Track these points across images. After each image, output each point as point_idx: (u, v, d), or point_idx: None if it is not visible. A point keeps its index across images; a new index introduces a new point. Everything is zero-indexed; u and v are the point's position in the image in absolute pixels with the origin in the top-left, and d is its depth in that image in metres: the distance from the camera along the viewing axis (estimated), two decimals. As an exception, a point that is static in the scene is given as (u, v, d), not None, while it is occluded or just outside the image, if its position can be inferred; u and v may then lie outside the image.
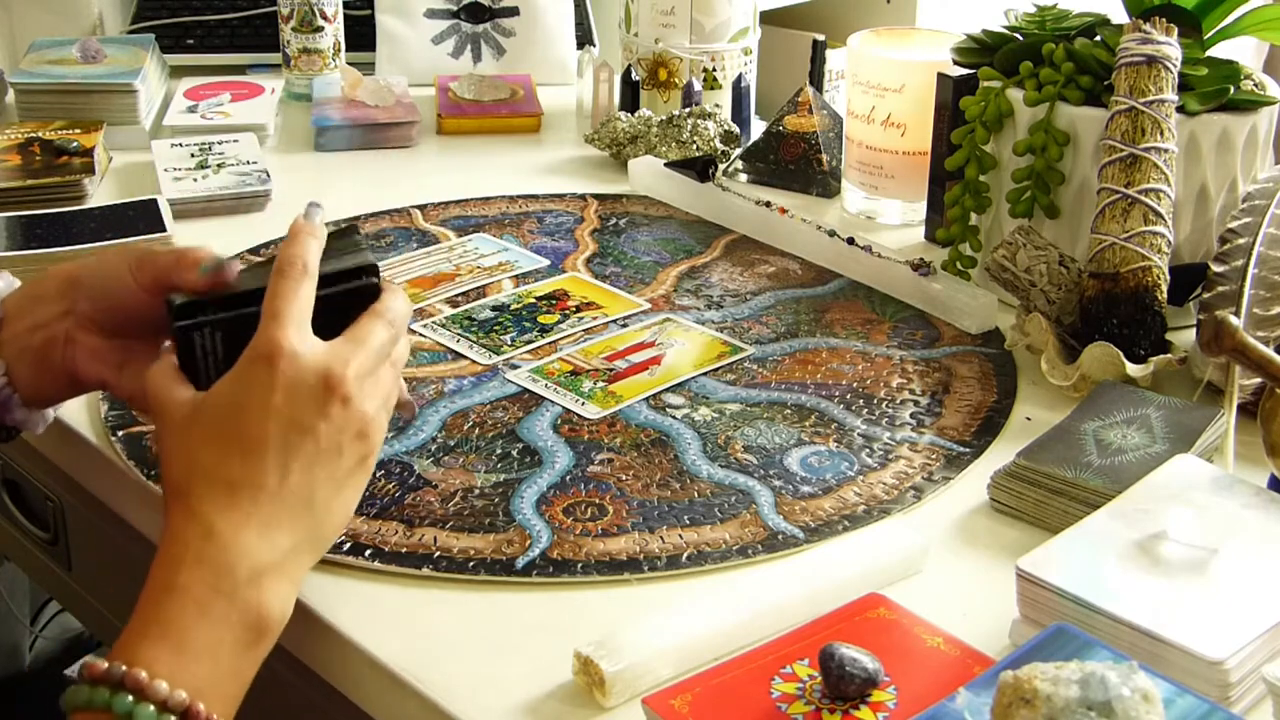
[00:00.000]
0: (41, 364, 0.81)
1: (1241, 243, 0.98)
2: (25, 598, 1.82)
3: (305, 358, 0.70)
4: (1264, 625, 0.69)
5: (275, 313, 0.71)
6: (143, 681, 0.63)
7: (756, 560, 0.82)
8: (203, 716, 0.64)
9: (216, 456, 0.69)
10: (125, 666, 0.64)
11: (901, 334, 1.08)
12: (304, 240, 0.74)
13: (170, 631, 0.66)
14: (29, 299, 0.83)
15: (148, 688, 0.63)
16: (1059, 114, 1.06)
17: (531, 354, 1.04)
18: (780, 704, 0.69)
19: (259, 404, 0.69)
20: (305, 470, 0.70)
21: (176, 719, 0.63)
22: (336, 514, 0.72)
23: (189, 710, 0.64)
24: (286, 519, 0.70)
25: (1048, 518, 0.85)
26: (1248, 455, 0.88)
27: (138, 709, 0.63)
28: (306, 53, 1.56)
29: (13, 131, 1.37)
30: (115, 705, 0.63)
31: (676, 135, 1.38)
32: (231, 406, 0.70)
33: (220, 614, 0.67)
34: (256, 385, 0.70)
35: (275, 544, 0.69)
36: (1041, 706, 0.58)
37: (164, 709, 0.63)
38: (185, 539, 0.68)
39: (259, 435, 0.69)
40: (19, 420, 0.84)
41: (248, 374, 0.70)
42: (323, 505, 0.71)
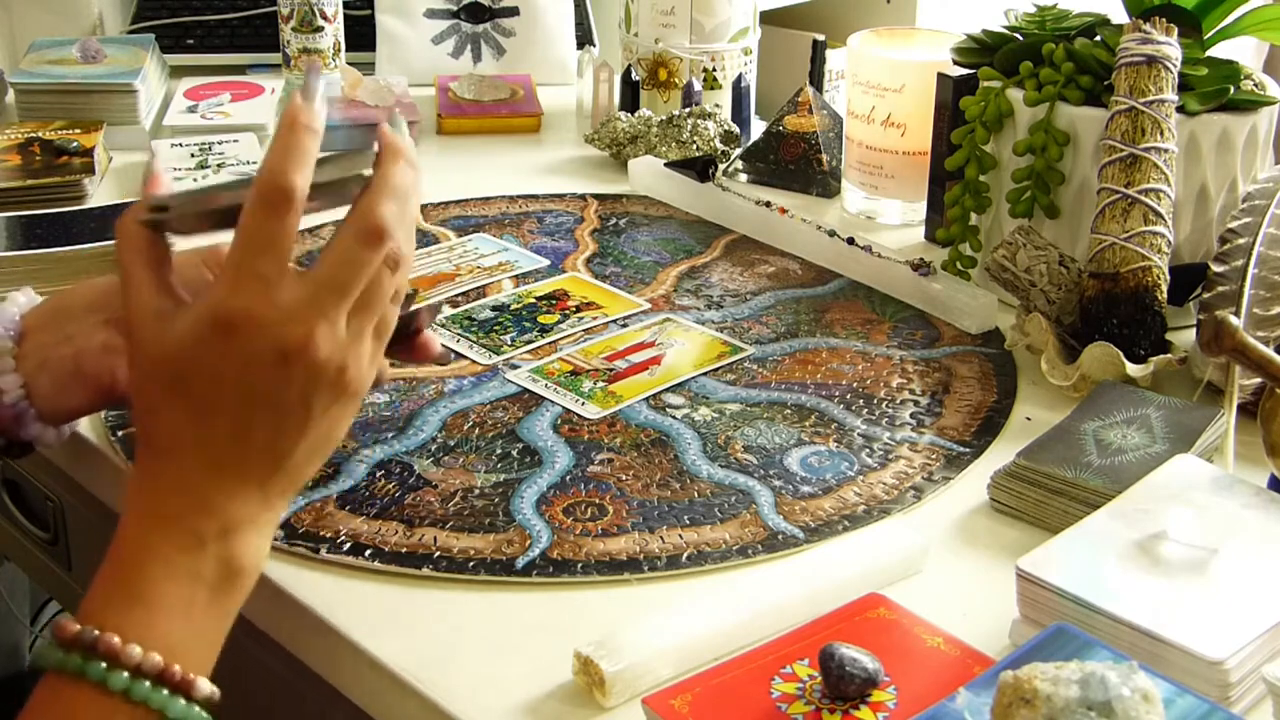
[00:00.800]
0: (68, 376, 0.80)
1: (1241, 243, 0.98)
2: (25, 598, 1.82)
3: (263, 327, 0.64)
4: (1264, 625, 0.69)
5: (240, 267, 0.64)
6: (115, 647, 0.62)
7: (756, 560, 0.82)
8: (178, 677, 0.63)
9: (178, 413, 0.66)
10: (97, 631, 0.62)
11: (901, 334, 1.08)
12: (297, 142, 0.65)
13: (140, 592, 0.64)
14: (54, 312, 0.81)
15: (121, 653, 0.62)
16: (1059, 114, 1.06)
17: (531, 354, 1.04)
18: (780, 704, 0.69)
19: (213, 371, 0.65)
20: (269, 433, 0.66)
21: (150, 683, 0.62)
22: (311, 457, 0.69)
23: (164, 673, 0.63)
24: (254, 477, 0.67)
25: (1048, 518, 0.85)
26: (1248, 455, 0.88)
27: (111, 676, 0.62)
28: (306, 53, 1.56)
29: (13, 131, 1.37)
30: (89, 671, 0.62)
31: (676, 135, 1.38)
32: (190, 362, 0.65)
33: (190, 571, 0.65)
34: (211, 352, 0.65)
35: (243, 500, 0.67)
36: (1041, 706, 0.58)
37: (137, 673, 0.62)
38: (151, 495, 0.66)
39: (214, 402, 0.65)
40: (34, 435, 0.82)
41: (205, 336, 0.65)
42: (293, 455, 0.68)
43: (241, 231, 0.65)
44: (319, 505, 0.86)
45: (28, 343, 0.80)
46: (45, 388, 0.80)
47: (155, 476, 0.67)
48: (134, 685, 0.62)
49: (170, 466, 0.66)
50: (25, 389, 0.80)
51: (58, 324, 0.81)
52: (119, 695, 0.62)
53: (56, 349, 0.80)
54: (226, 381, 0.65)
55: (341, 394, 0.68)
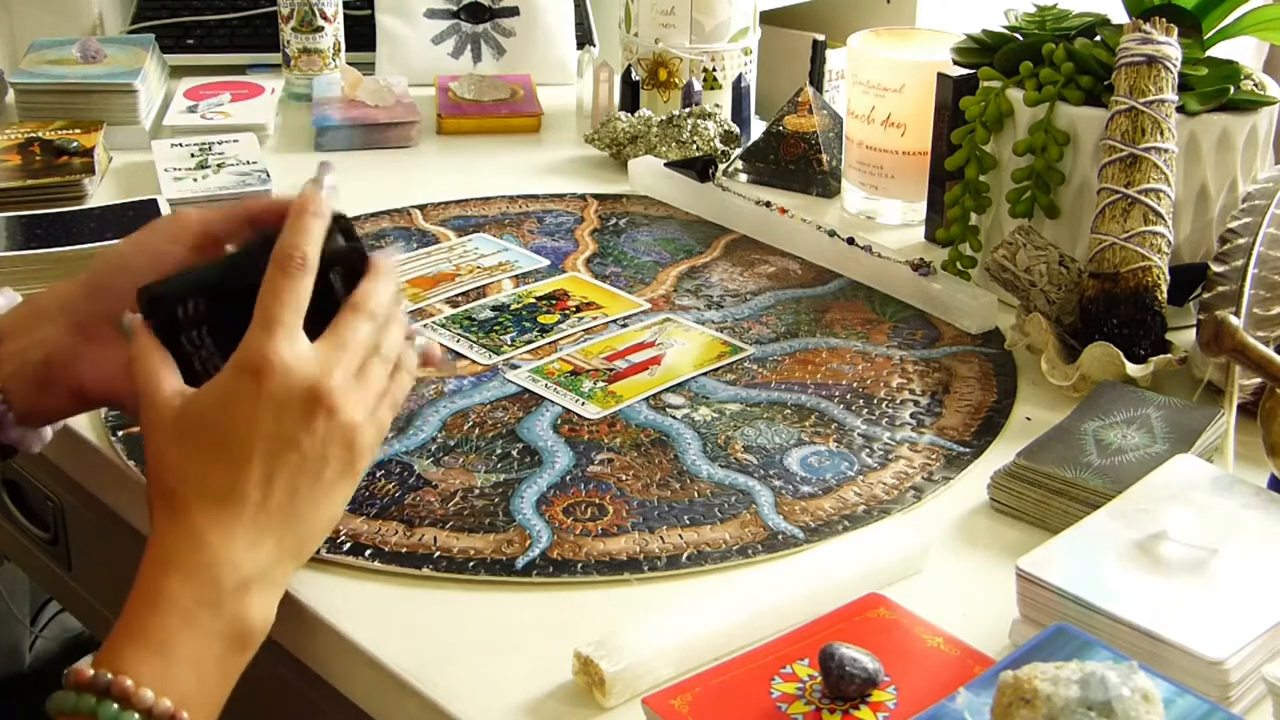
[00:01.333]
0: (41, 381, 0.80)
1: (1241, 243, 0.98)
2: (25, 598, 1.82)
3: (293, 372, 0.70)
4: (1264, 625, 0.69)
5: (268, 320, 0.70)
6: (128, 689, 0.63)
7: (756, 560, 0.82)
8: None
9: (203, 467, 0.69)
10: (111, 674, 0.64)
11: (901, 334, 1.08)
12: (307, 224, 0.73)
13: (156, 641, 0.66)
14: (29, 315, 0.81)
15: (133, 696, 0.63)
16: (1059, 114, 1.06)
17: (531, 354, 1.04)
18: (780, 704, 0.69)
19: (245, 418, 0.69)
20: (289, 483, 0.70)
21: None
22: (320, 522, 0.72)
23: (173, 718, 0.64)
24: (272, 532, 0.70)
25: (1048, 518, 0.85)
26: (1248, 455, 0.88)
27: (123, 716, 0.63)
28: (306, 53, 1.56)
29: (13, 131, 1.37)
30: (100, 712, 0.63)
31: (676, 135, 1.38)
32: (218, 418, 0.70)
33: (206, 625, 0.67)
34: (243, 398, 0.69)
35: (260, 556, 0.69)
36: (1041, 706, 0.58)
37: (149, 717, 0.64)
38: (172, 547, 0.68)
39: (245, 449, 0.69)
40: (14, 439, 0.82)
41: (235, 386, 0.70)
42: (307, 516, 0.71)
43: (264, 295, 0.71)
44: (319, 505, 0.86)
45: (5, 347, 0.80)
46: (23, 392, 0.81)
47: (174, 529, 0.69)
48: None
49: (191, 519, 0.68)
50: (4, 393, 0.80)
51: (30, 329, 0.81)
52: None
53: (30, 354, 0.80)
54: (258, 423, 0.69)
55: (350, 456, 0.72)
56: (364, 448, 0.73)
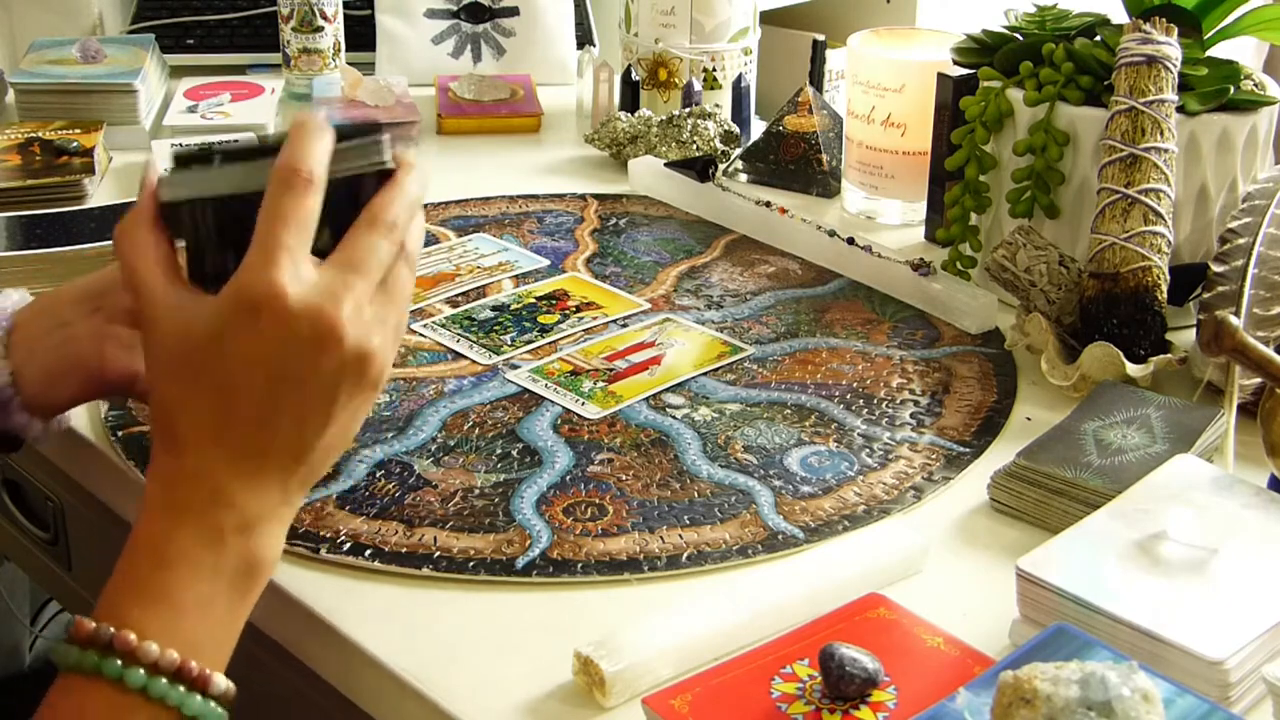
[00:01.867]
0: (58, 363, 0.80)
1: (1241, 243, 0.98)
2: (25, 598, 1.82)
3: (295, 304, 0.64)
4: (1264, 625, 0.69)
5: (267, 244, 0.64)
6: (131, 644, 0.62)
7: (756, 560, 0.82)
8: (195, 673, 0.63)
9: (202, 401, 0.65)
10: (114, 629, 0.62)
11: (901, 334, 1.08)
12: (308, 138, 0.66)
13: (158, 590, 0.64)
14: (44, 305, 0.82)
15: (137, 650, 0.62)
16: (1059, 114, 1.06)
17: (531, 354, 1.04)
18: (780, 704, 0.69)
19: (243, 354, 0.64)
20: (294, 421, 0.66)
21: (168, 680, 0.62)
22: (330, 449, 0.69)
23: (181, 669, 0.62)
24: (274, 467, 0.67)
25: (1048, 518, 0.85)
26: (1248, 455, 0.88)
27: (128, 673, 0.61)
28: (306, 53, 1.56)
29: (13, 131, 1.37)
30: (105, 669, 0.61)
31: (676, 135, 1.38)
32: (217, 349, 0.65)
33: (210, 567, 0.65)
34: (241, 332, 0.64)
35: (263, 492, 0.66)
36: (1041, 706, 0.58)
37: (154, 671, 0.62)
38: (171, 487, 0.66)
39: (244, 386, 0.65)
40: (20, 425, 0.82)
41: (234, 316, 0.64)
42: (315, 447, 0.67)
43: (265, 213, 0.65)
44: (319, 505, 0.86)
45: (17, 333, 0.81)
46: (34, 376, 0.81)
47: (174, 470, 0.66)
48: (151, 682, 0.62)
49: (190, 460, 0.65)
50: (13, 377, 0.80)
51: (47, 315, 0.81)
52: (136, 692, 0.62)
53: (46, 338, 0.80)
54: (257, 362, 0.64)
55: (363, 382, 0.67)
56: (381, 368, 0.68)
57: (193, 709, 0.63)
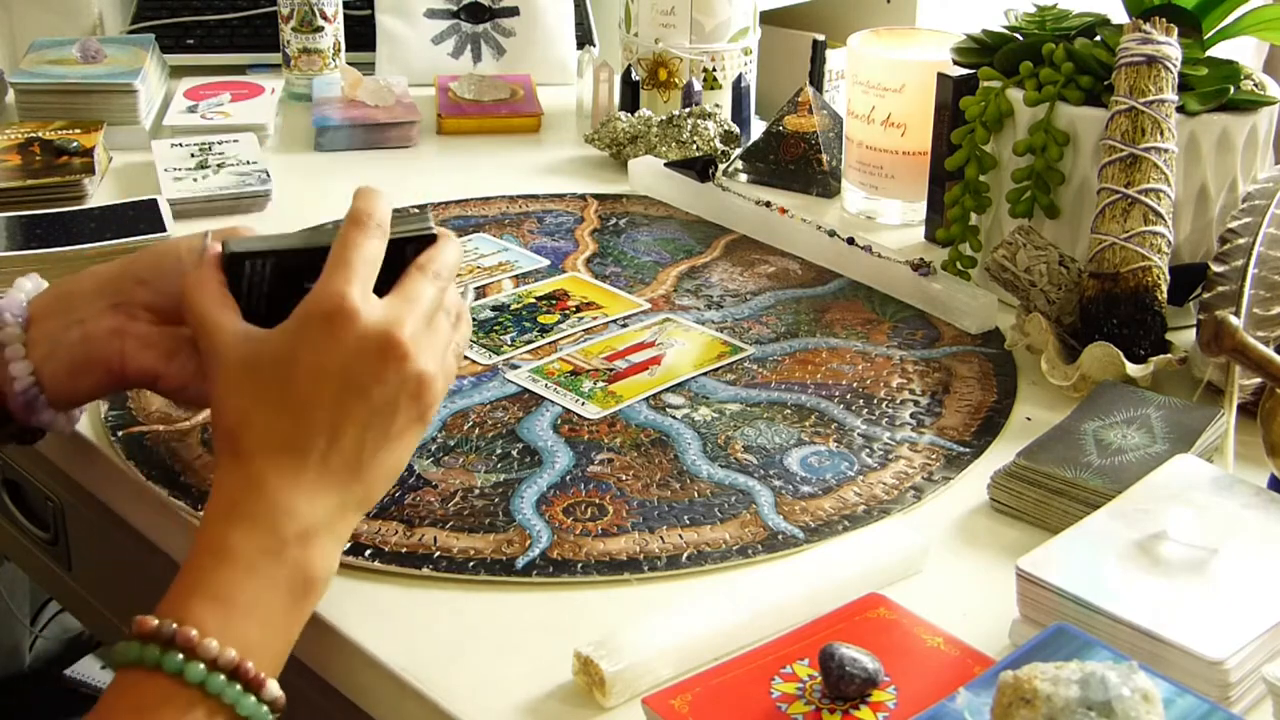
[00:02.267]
0: (77, 360, 0.80)
1: (1241, 243, 0.98)
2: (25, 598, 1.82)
3: (365, 319, 0.70)
4: (1264, 625, 0.69)
5: (343, 263, 0.71)
6: (193, 640, 0.63)
7: (756, 560, 0.82)
8: (251, 674, 0.64)
9: (270, 413, 0.69)
10: (175, 624, 0.64)
11: (901, 334, 1.08)
12: (376, 196, 0.74)
13: (219, 591, 0.66)
14: (61, 298, 0.82)
15: (198, 646, 0.63)
16: (1059, 114, 1.06)
17: (531, 354, 1.04)
18: (780, 704, 0.69)
19: (315, 363, 0.69)
20: (357, 433, 0.70)
21: (225, 677, 0.64)
22: (386, 473, 0.73)
23: (238, 668, 0.64)
24: (335, 481, 0.70)
25: (1048, 518, 0.85)
26: (1248, 455, 0.88)
27: (188, 667, 0.63)
28: (306, 53, 1.56)
29: (13, 131, 1.37)
30: (165, 663, 0.63)
31: (676, 135, 1.38)
32: (288, 362, 0.69)
33: (268, 574, 0.67)
34: (315, 343, 0.69)
35: (323, 506, 0.69)
36: (1041, 706, 0.58)
37: (213, 667, 0.63)
38: (235, 495, 0.68)
39: (313, 395, 0.69)
40: (46, 421, 0.83)
41: (307, 329, 0.70)
42: (372, 466, 0.71)
43: (339, 245, 0.72)
44: (319, 505, 0.86)
45: (36, 329, 0.81)
46: (55, 373, 0.81)
47: (239, 478, 0.69)
48: (210, 678, 0.63)
49: (255, 467, 0.69)
50: (35, 375, 0.81)
51: (65, 309, 0.82)
52: (195, 687, 0.63)
53: (65, 334, 0.81)
54: (328, 372, 0.69)
55: (418, 406, 0.72)
56: (434, 398, 0.73)
57: (246, 709, 0.64)
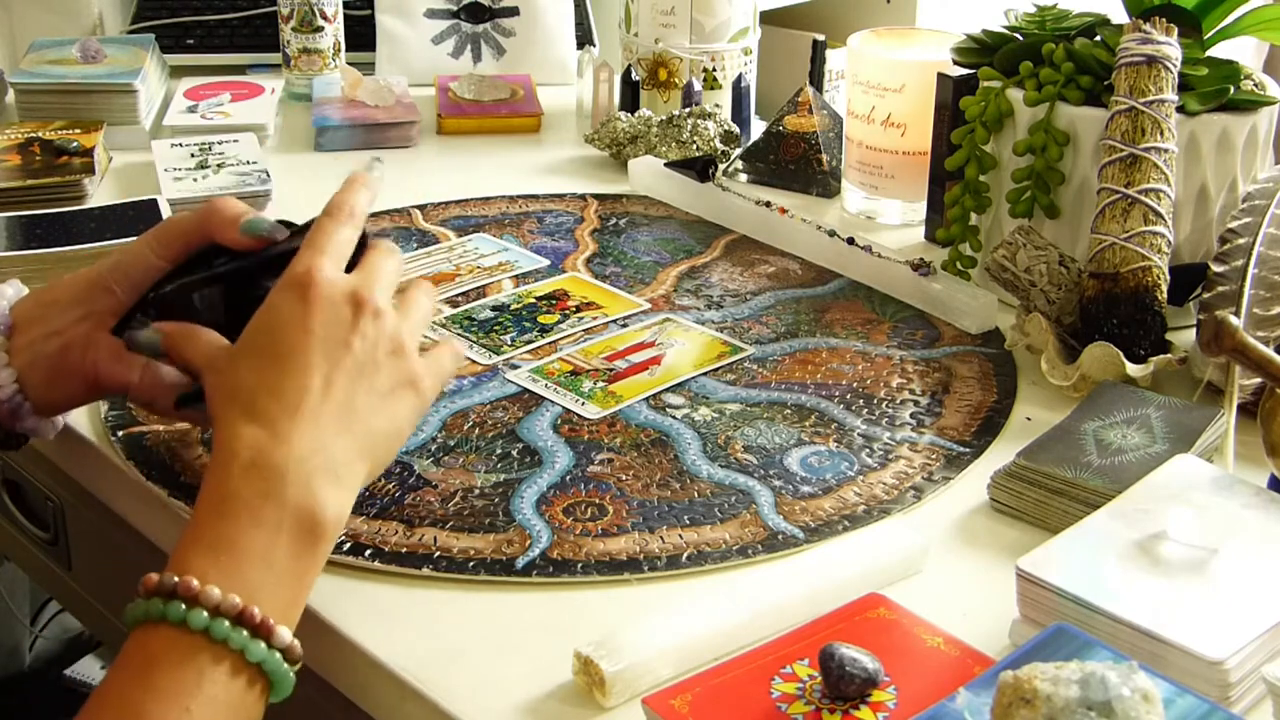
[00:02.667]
0: (56, 370, 0.81)
1: (1241, 243, 0.98)
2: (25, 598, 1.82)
3: (336, 282, 0.73)
4: (1264, 625, 0.69)
5: (315, 245, 0.74)
6: (195, 589, 0.64)
7: (756, 560, 0.82)
8: (257, 619, 0.64)
9: (259, 374, 0.71)
10: (176, 577, 0.64)
11: (901, 334, 1.08)
12: (356, 189, 0.78)
13: (221, 539, 0.66)
14: (42, 305, 0.83)
15: (200, 594, 0.64)
16: (1059, 114, 1.06)
17: (531, 354, 1.04)
18: (780, 704, 0.69)
19: (295, 324, 0.72)
20: (347, 383, 0.72)
21: (230, 623, 0.64)
22: (385, 430, 0.74)
23: (243, 613, 0.64)
24: (334, 427, 0.71)
25: (1048, 518, 0.85)
26: (1248, 455, 0.88)
27: (191, 615, 0.63)
28: (306, 53, 1.56)
29: (13, 131, 1.37)
30: (169, 614, 0.63)
31: (676, 135, 1.38)
32: (271, 332, 0.72)
33: (272, 518, 0.67)
34: (291, 308, 0.72)
35: (324, 450, 0.70)
36: (1041, 706, 0.58)
37: (216, 613, 0.64)
38: (233, 449, 0.69)
39: (299, 348, 0.71)
40: (30, 428, 0.84)
41: (281, 300, 0.73)
42: (367, 415, 0.73)
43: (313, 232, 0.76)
44: (319, 505, 0.86)
45: (19, 337, 0.82)
46: (37, 382, 0.82)
47: (237, 429, 0.70)
48: (214, 624, 0.64)
49: (253, 417, 0.70)
50: (19, 383, 0.81)
51: (45, 319, 0.82)
52: (200, 634, 0.63)
53: (45, 344, 0.81)
54: (309, 329, 0.72)
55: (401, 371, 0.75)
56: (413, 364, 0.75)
57: (256, 655, 0.64)
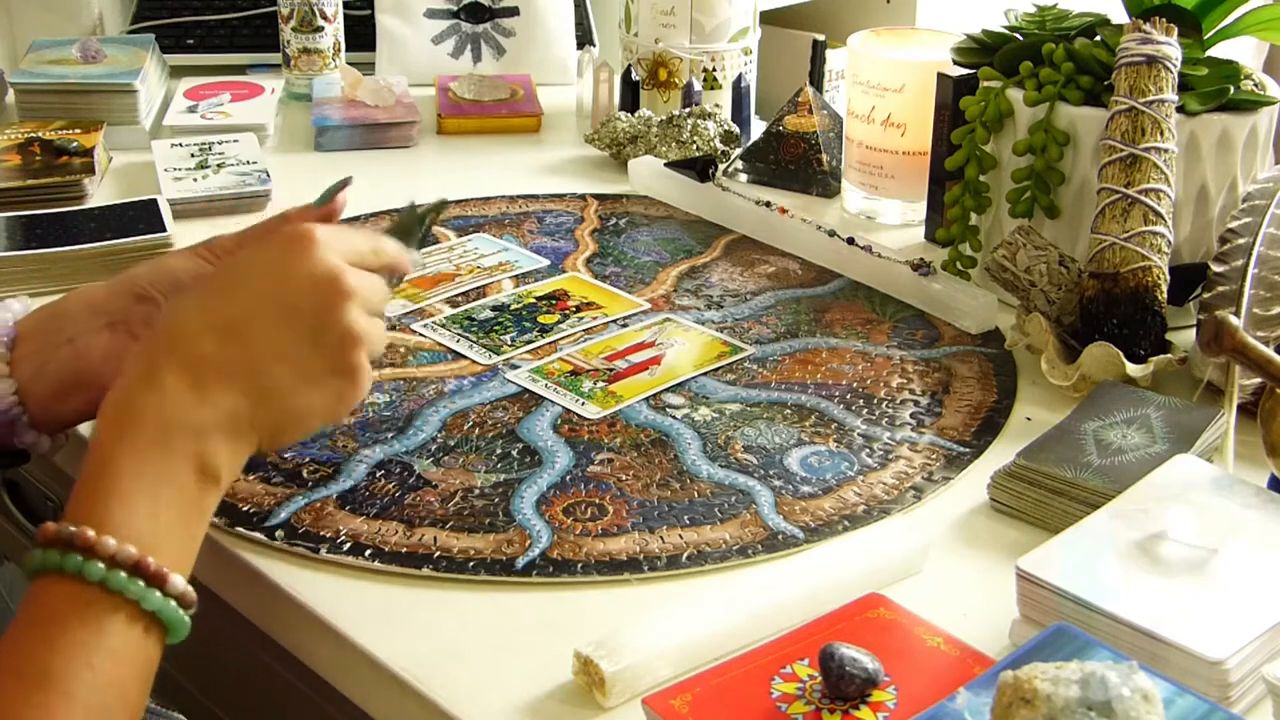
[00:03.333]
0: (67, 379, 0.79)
1: (1241, 243, 0.98)
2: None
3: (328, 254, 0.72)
4: (1264, 625, 0.69)
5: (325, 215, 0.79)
6: (90, 539, 0.64)
7: (756, 560, 0.82)
8: (152, 568, 0.65)
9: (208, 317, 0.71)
10: (73, 526, 0.64)
11: (901, 334, 1.08)
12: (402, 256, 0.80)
13: (112, 488, 0.66)
14: (50, 317, 0.81)
15: (96, 544, 0.64)
16: (1059, 114, 1.06)
17: (531, 354, 1.04)
18: (780, 704, 0.69)
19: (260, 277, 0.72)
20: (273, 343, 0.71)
21: (126, 573, 0.64)
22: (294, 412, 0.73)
23: (139, 564, 0.64)
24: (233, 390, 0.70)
25: (1048, 518, 0.85)
26: (1248, 455, 0.88)
27: (87, 566, 0.63)
28: (306, 53, 1.56)
29: (13, 131, 1.37)
30: (67, 565, 0.63)
31: (676, 135, 1.38)
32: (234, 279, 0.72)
33: (160, 468, 0.67)
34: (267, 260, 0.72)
35: (218, 407, 0.70)
36: (1041, 706, 0.58)
37: (113, 563, 0.64)
38: (128, 394, 0.69)
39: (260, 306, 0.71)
40: (28, 443, 0.82)
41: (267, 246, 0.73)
42: (281, 392, 0.72)
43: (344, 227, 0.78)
44: (319, 505, 0.86)
45: (22, 348, 0.80)
46: (42, 393, 0.80)
47: (133, 379, 0.69)
48: (110, 575, 0.64)
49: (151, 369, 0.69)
50: (19, 395, 0.79)
51: (55, 328, 0.80)
52: (96, 585, 0.63)
53: (54, 353, 0.80)
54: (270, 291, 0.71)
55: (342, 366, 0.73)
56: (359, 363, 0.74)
57: (152, 604, 0.64)
